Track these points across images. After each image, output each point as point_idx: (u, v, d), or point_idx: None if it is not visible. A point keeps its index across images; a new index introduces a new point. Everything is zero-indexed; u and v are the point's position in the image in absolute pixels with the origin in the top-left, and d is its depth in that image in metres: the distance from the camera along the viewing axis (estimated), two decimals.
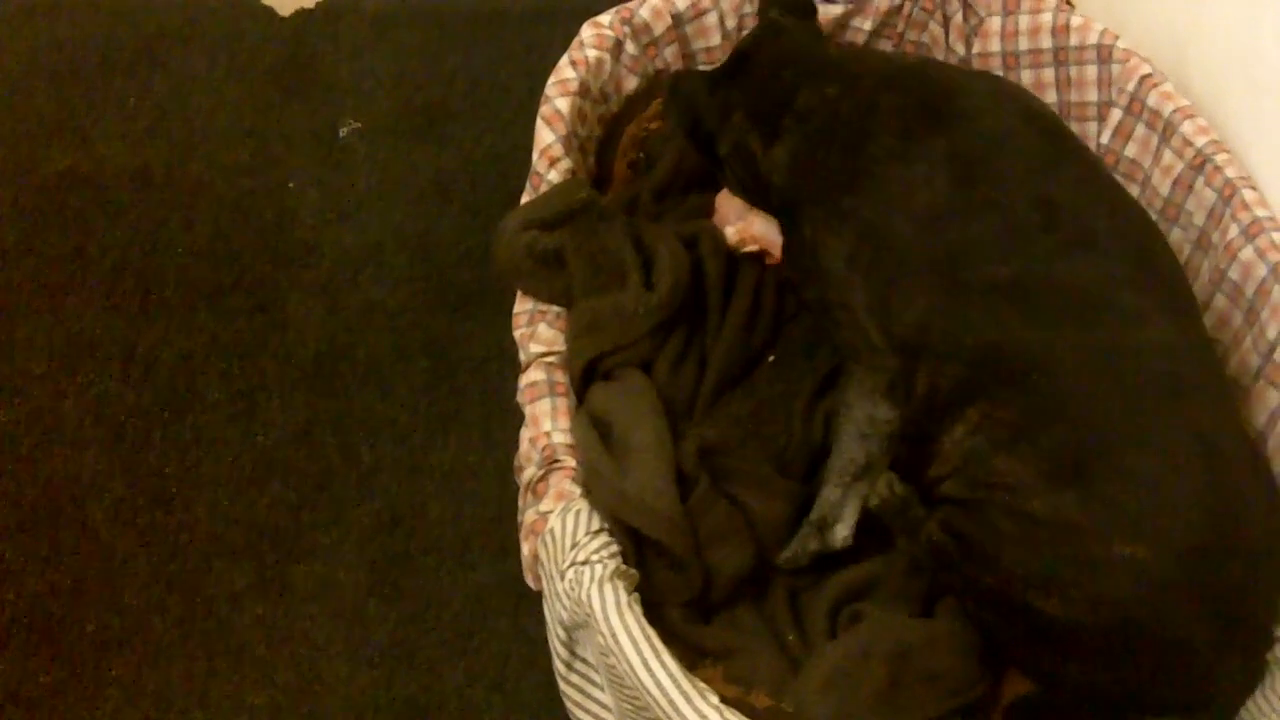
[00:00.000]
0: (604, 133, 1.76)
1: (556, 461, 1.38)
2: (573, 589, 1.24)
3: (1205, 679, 1.22)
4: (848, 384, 1.43)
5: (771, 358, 1.60)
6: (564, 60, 1.68)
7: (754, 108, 1.56)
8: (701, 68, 1.76)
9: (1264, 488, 1.28)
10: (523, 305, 1.54)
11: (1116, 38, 1.64)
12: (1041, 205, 1.31)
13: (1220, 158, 1.50)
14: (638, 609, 1.21)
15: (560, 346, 1.49)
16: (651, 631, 1.19)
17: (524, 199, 1.60)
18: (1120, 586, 1.20)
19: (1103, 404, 1.24)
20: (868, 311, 1.38)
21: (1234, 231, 1.46)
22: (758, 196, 1.59)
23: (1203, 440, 1.22)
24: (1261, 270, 1.41)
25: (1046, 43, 1.68)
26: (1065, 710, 1.33)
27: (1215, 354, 1.34)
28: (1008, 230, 1.31)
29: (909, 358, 1.35)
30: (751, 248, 1.63)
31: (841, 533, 1.43)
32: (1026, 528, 1.24)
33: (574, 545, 1.27)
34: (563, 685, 1.36)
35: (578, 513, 1.30)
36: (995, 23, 1.72)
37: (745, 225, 1.63)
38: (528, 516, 1.36)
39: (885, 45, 1.84)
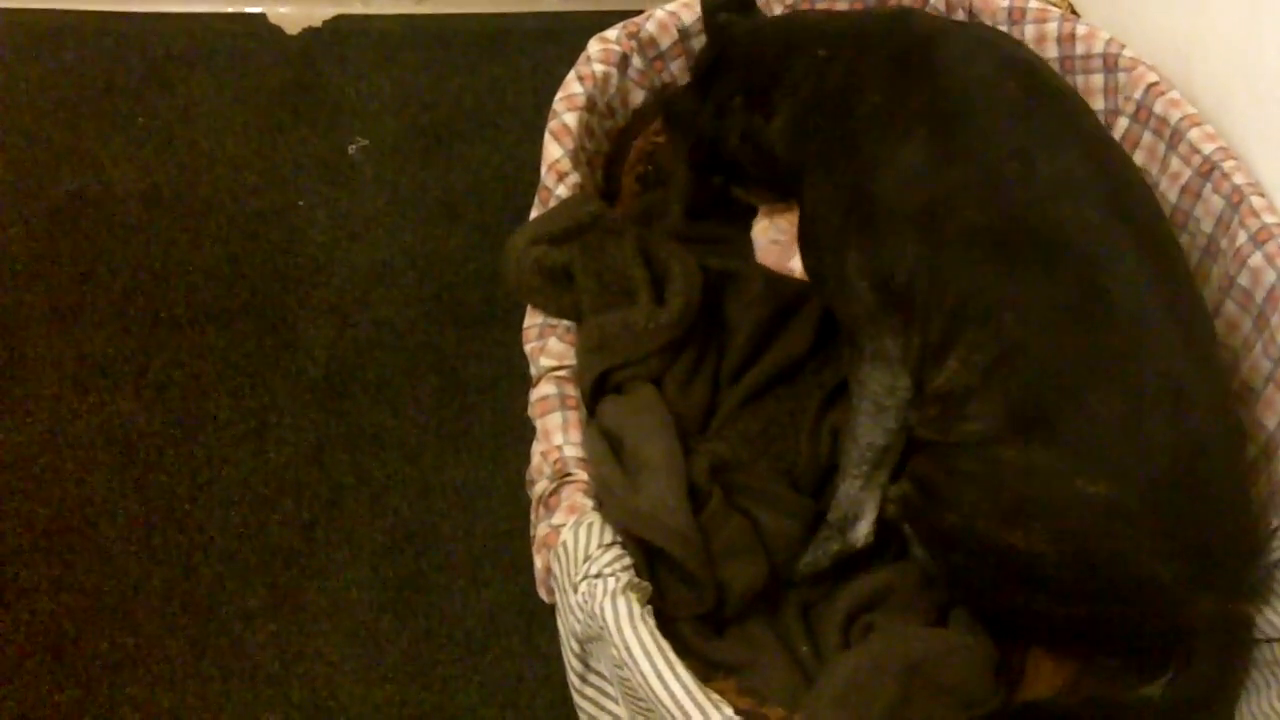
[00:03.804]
0: (611, 147, 1.76)
1: (568, 475, 1.38)
2: (586, 602, 1.24)
3: (1176, 616, 1.23)
4: (858, 361, 1.43)
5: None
6: (571, 75, 1.68)
7: (749, 88, 1.57)
8: None
9: (1232, 428, 1.29)
10: (533, 319, 1.54)
11: (1123, 46, 1.65)
12: (1017, 153, 1.32)
13: (1228, 165, 1.51)
14: (651, 621, 1.21)
15: (571, 360, 1.49)
16: (665, 643, 1.19)
17: (532, 214, 1.60)
18: (1083, 520, 1.22)
19: (1070, 346, 1.25)
20: (861, 273, 1.39)
21: (1243, 238, 1.46)
22: (774, 181, 1.60)
23: (1169, 381, 1.23)
24: (1270, 276, 1.41)
25: (1052, 51, 1.68)
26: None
27: (1194, 294, 1.34)
28: (985, 180, 1.32)
29: (903, 316, 1.36)
30: None
31: (863, 529, 1.43)
32: (990, 467, 1.26)
33: (587, 558, 1.27)
34: (577, 699, 1.36)
35: (590, 526, 1.30)
36: None
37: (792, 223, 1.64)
38: (540, 530, 1.36)
39: None
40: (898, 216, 1.35)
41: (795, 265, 1.64)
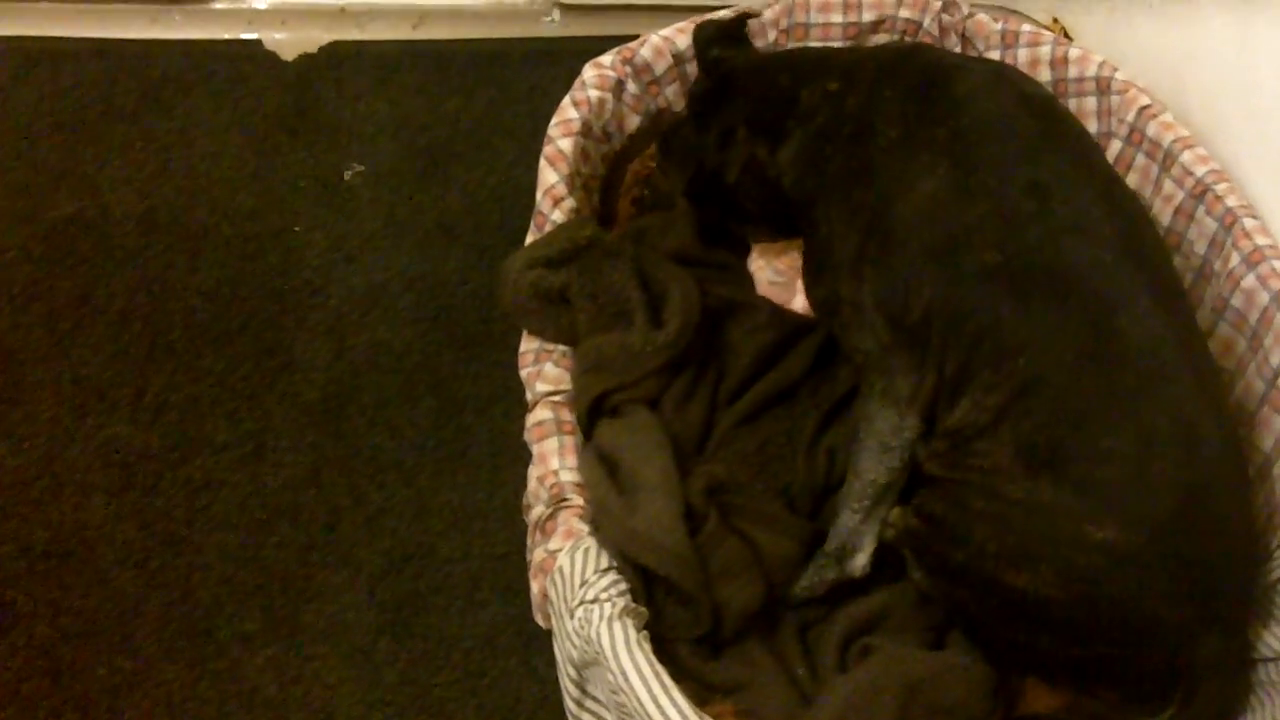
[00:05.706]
0: (607, 171, 1.76)
1: (565, 500, 1.38)
2: (582, 627, 1.24)
3: (1181, 656, 1.23)
4: (868, 396, 1.43)
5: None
6: (566, 100, 1.69)
7: (755, 118, 1.56)
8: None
9: (1240, 468, 1.30)
10: (529, 344, 1.55)
11: (1115, 69, 1.66)
12: (1034, 190, 1.33)
13: (1221, 187, 1.51)
14: (647, 646, 1.21)
15: (567, 385, 1.50)
16: (661, 668, 1.19)
17: (528, 239, 1.61)
18: (1091, 564, 1.22)
19: (1082, 386, 1.25)
20: (876, 306, 1.39)
21: (1236, 260, 1.46)
22: (777, 213, 1.59)
23: (1180, 423, 1.23)
24: (1264, 298, 1.42)
25: (1045, 75, 1.69)
26: None
27: (1200, 338, 1.35)
28: (1001, 216, 1.32)
29: (917, 352, 1.36)
30: None
31: (861, 561, 1.44)
32: (999, 507, 1.26)
33: (583, 583, 1.27)
34: None
35: (586, 551, 1.31)
36: (994, 56, 1.73)
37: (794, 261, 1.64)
38: (536, 555, 1.36)
39: None
40: (914, 250, 1.35)
41: (797, 304, 1.65)
